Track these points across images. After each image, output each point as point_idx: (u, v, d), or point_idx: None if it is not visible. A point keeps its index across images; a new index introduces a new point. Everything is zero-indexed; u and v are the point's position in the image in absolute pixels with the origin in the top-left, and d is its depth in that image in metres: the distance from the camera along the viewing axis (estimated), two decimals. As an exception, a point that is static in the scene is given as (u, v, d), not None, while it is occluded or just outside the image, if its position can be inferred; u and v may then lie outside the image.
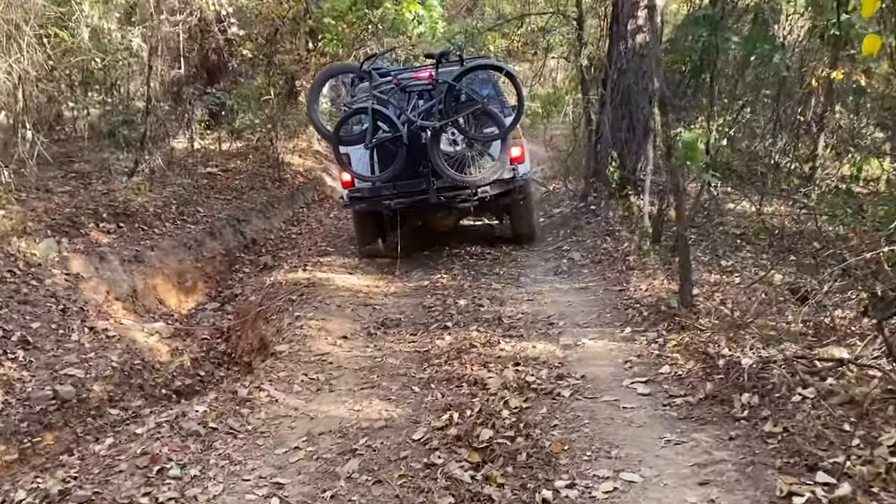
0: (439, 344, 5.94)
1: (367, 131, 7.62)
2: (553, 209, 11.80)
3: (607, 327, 5.95)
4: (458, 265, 8.58)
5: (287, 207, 12.68)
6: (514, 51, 16.61)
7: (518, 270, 8.26)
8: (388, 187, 7.96)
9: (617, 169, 7.51)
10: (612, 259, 7.87)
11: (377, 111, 7.56)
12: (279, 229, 11.94)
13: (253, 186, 12.48)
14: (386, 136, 7.70)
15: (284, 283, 8.23)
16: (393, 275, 8.56)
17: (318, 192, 14.03)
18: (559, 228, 9.83)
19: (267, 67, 13.66)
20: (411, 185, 7.95)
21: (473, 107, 7.55)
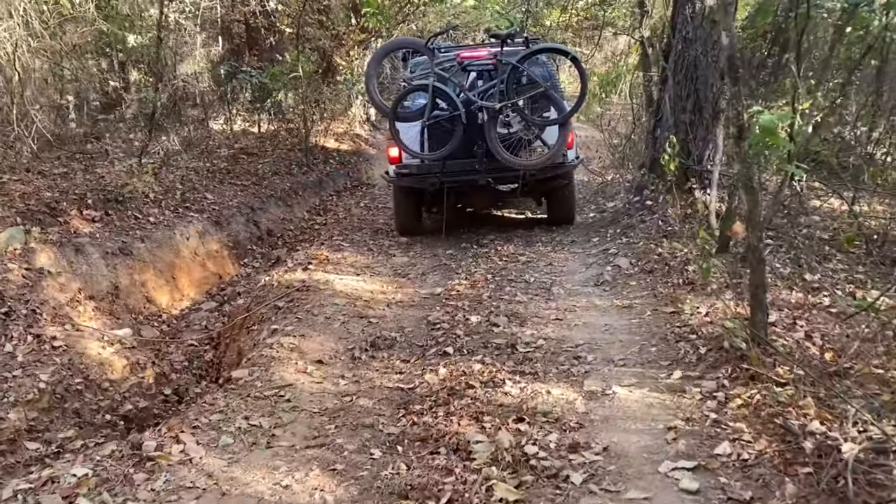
0: (429, 380, 4.52)
1: (426, 108, 7.43)
2: (606, 202, 10.18)
3: (650, 367, 4.40)
4: (483, 268, 7.13)
5: (313, 195, 11.42)
6: (571, 26, 14.96)
7: (552, 278, 6.75)
8: (437, 165, 7.77)
9: (675, 157, 5.97)
10: (666, 269, 6.28)
11: (437, 88, 7.38)
12: (301, 219, 10.69)
13: (277, 171, 11.26)
14: (443, 114, 7.53)
15: (276, 284, 6.93)
16: (406, 277, 7.19)
17: (351, 178, 12.73)
18: (609, 226, 8.24)
19: (297, 42, 12.41)
20: (462, 164, 7.77)
21: (535, 90, 7.38)
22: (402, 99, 7.74)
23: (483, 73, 7.76)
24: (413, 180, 8.12)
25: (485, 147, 7.56)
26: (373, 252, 8.31)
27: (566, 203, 8.73)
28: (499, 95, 7.33)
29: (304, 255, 8.06)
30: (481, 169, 7.75)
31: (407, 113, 7.75)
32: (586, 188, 12.47)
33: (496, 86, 7.37)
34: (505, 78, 7.27)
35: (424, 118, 7.48)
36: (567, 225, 8.75)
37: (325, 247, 8.50)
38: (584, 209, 10.34)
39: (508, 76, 7.27)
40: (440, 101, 7.52)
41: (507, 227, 9.30)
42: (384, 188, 12.79)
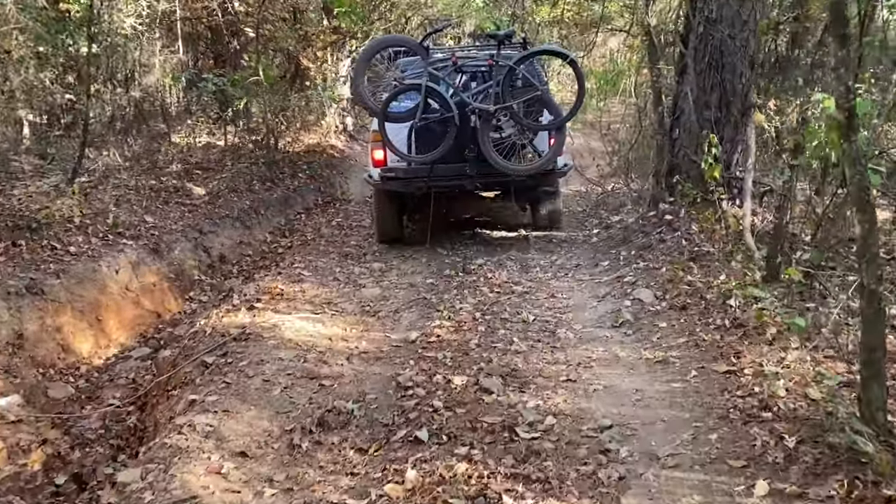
0: (392, 493, 3.06)
1: (418, 109, 6.94)
2: (611, 216, 8.74)
3: (716, 472, 2.93)
4: (471, 303, 5.69)
5: (277, 213, 9.94)
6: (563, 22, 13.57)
7: (556, 316, 5.30)
8: (425, 169, 7.30)
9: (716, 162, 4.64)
10: (703, 305, 4.83)
11: (431, 89, 6.94)
12: (261, 242, 9.21)
13: (235, 188, 9.78)
14: (435, 115, 7.07)
15: (210, 331, 5.45)
16: (375, 316, 5.73)
17: (322, 194, 11.25)
18: (620, 246, 6.79)
19: (257, 43, 10.96)
20: (452, 168, 7.30)
21: (531, 93, 6.97)
22: (392, 99, 7.15)
23: (477, 75, 7.43)
24: (399, 184, 7.58)
25: (477, 151, 7.05)
26: (339, 282, 6.84)
27: (553, 210, 8.32)
28: (494, 98, 6.88)
29: (255, 289, 6.59)
30: (472, 174, 7.27)
31: (397, 113, 7.17)
32: (584, 200, 11.03)
33: (491, 88, 6.93)
34: (501, 80, 6.83)
35: (416, 119, 6.98)
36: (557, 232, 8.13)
37: (281, 277, 7.03)
38: (584, 224, 8.91)
39: (504, 78, 6.83)
40: (432, 102, 7.05)
41: (498, 247, 7.85)
42: (360, 203, 11.33)
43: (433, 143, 7.07)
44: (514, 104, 6.90)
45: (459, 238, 8.44)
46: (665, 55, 7.86)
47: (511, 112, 6.95)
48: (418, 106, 6.93)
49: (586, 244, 7.45)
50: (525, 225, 8.99)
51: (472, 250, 7.66)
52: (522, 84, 7.01)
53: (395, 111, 7.16)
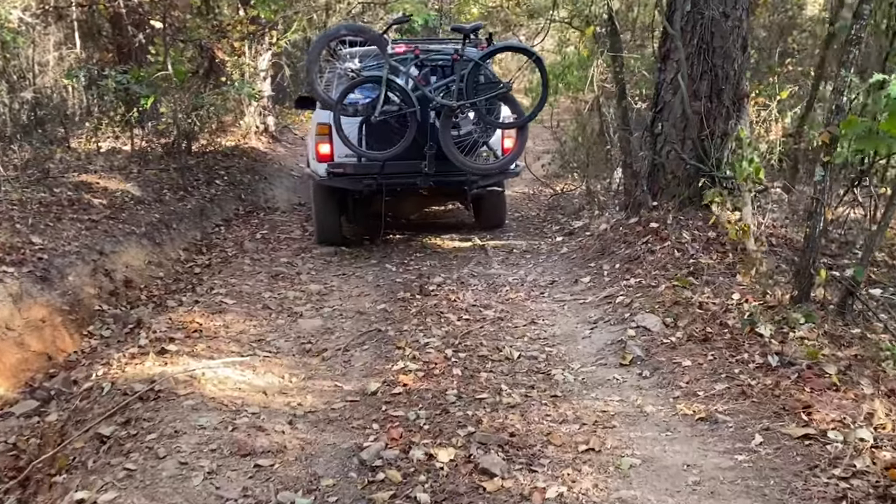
0: None
1: (376, 102, 6.52)
2: (571, 221, 7.84)
3: None
4: (437, 335, 4.64)
5: (192, 227, 8.62)
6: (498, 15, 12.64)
7: (545, 349, 4.31)
8: (376, 166, 6.86)
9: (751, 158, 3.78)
10: (727, 333, 3.92)
11: (392, 82, 6.52)
12: (175, 261, 7.89)
13: (142, 199, 8.42)
14: (392, 109, 6.64)
15: (109, 388, 4.23)
16: (319, 357, 4.62)
17: (244, 202, 9.97)
18: (599, 259, 5.85)
19: (164, 33, 9.59)
20: (406, 165, 6.89)
21: (496, 90, 6.66)
22: (349, 90, 6.65)
23: (437, 69, 7.05)
24: (347, 181, 7.10)
25: (436, 148, 6.71)
26: (270, 311, 5.69)
27: (498, 208, 8.16)
28: (457, 94, 6.52)
29: (167, 324, 5.36)
30: (430, 171, 6.85)
31: (352, 107, 6.70)
32: (533, 202, 10.15)
33: (454, 83, 6.55)
34: (465, 75, 6.48)
35: (374, 113, 6.51)
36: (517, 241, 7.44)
37: (199, 306, 5.81)
38: (543, 231, 7.99)
39: (469, 74, 6.48)
40: (392, 96, 6.58)
41: (454, 260, 6.83)
42: (288, 212, 10.11)
43: (388, 139, 6.67)
44: (478, 101, 6.56)
45: (408, 250, 7.40)
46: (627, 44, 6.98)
47: (475, 109, 6.64)
48: (377, 99, 6.48)
49: (555, 255, 6.50)
50: (476, 231, 8.06)
51: (425, 265, 6.61)
52: (486, 81, 6.68)
53: (351, 104, 6.72)
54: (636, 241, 5.51)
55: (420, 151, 6.77)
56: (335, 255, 7.73)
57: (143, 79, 9.91)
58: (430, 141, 6.75)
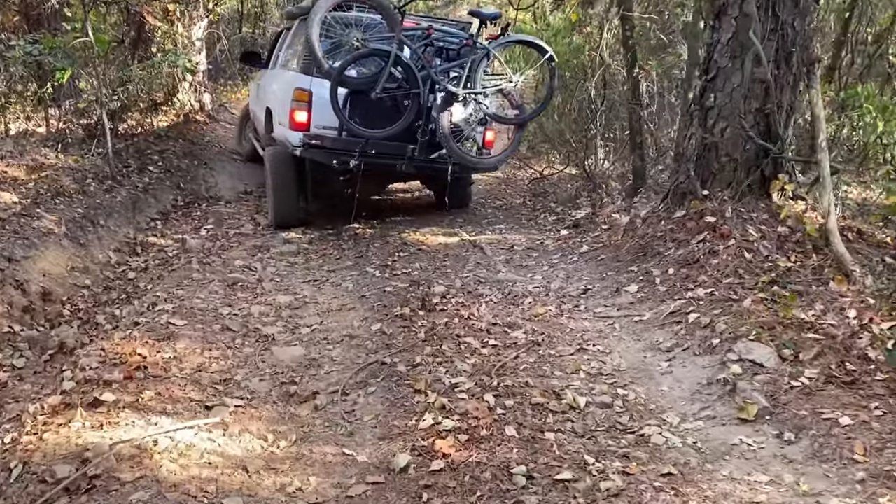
0: None
1: (379, 77, 6.02)
2: (572, 211, 6.79)
3: None
4: (464, 369, 3.51)
5: (124, 223, 7.19)
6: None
7: (616, 391, 3.24)
8: (357, 142, 6.35)
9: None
10: (874, 369, 2.94)
11: (399, 59, 6.04)
12: (104, 265, 6.48)
13: (61, 191, 6.95)
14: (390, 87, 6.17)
15: (22, 468, 2.96)
16: (311, 406, 3.44)
17: (183, 191, 8.54)
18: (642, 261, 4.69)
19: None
20: (392, 147, 6.43)
21: (503, 83, 6.30)
22: (353, 61, 6.16)
23: (443, 52, 6.45)
24: (321, 154, 6.51)
25: (430, 134, 6.30)
26: (233, 334, 4.45)
27: (464, 191, 7.70)
28: (463, 81, 6.11)
29: (99, 358, 4.07)
30: (418, 157, 6.43)
31: (354, 79, 6.27)
32: (510, 186, 9.07)
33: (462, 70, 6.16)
34: (475, 63, 6.11)
35: (376, 89, 6.02)
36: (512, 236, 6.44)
37: (141, 328, 4.52)
38: (538, 221, 6.92)
39: (479, 62, 6.12)
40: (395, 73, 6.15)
41: (447, 260, 5.69)
42: (235, 203, 8.74)
43: (372, 117, 6.21)
44: (485, 91, 6.17)
45: (386, 248, 6.23)
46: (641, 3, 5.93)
47: (477, 99, 6.18)
48: (380, 75, 5.99)
49: (572, 254, 5.41)
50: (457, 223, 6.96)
51: (415, 268, 5.45)
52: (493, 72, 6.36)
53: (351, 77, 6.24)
54: (688, 238, 4.46)
55: (411, 135, 6.27)
56: (299, 255, 6.50)
57: (58, 48, 8.35)
58: (425, 126, 6.26)
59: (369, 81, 6.10)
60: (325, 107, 6.24)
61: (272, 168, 6.98)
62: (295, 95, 6.54)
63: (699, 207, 4.57)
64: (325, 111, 6.28)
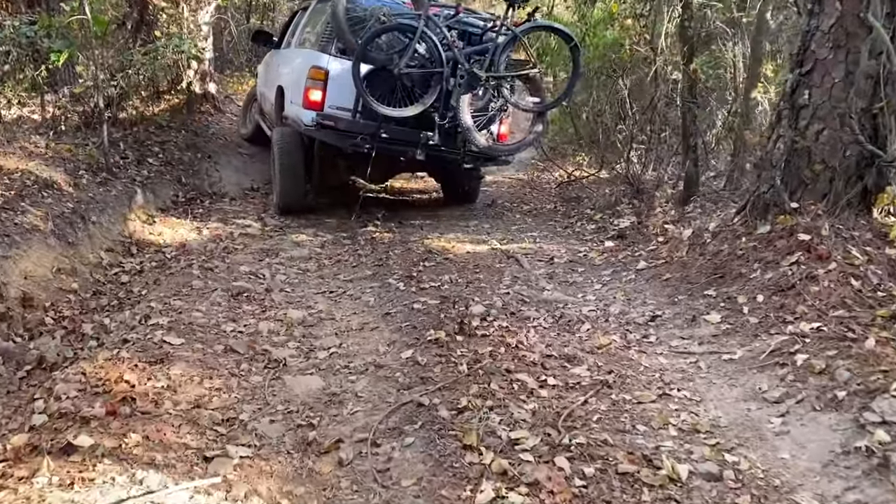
0: None
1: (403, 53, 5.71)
2: (613, 219, 6.09)
3: None
4: (522, 417, 2.83)
5: (118, 219, 6.47)
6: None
7: (726, 456, 2.54)
8: (372, 125, 5.96)
9: None
10: None
11: (426, 36, 5.72)
12: (94, 266, 5.76)
13: (50, 182, 6.21)
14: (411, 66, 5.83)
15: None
16: (335, 463, 2.74)
17: (184, 186, 7.83)
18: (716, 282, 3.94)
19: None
20: (407, 132, 6.09)
21: (526, 69, 6.06)
22: (377, 35, 5.87)
23: (468, 36, 6.23)
24: (334, 136, 6.25)
25: (451, 119, 6.00)
26: (237, 358, 3.75)
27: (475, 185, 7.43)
28: (487, 65, 5.85)
29: (79, 385, 3.38)
30: (436, 143, 6.07)
31: (376, 55, 5.96)
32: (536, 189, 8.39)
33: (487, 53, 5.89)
34: (501, 47, 5.88)
35: (400, 65, 5.79)
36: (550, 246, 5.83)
37: (130, 348, 3.82)
38: (575, 230, 6.23)
39: (504, 47, 5.91)
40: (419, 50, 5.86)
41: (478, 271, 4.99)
42: (240, 199, 8.05)
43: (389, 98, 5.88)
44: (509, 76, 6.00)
45: (409, 255, 5.55)
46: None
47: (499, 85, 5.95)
48: (404, 51, 5.72)
49: (627, 271, 4.70)
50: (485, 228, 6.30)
51: (444, 281, 4.75)
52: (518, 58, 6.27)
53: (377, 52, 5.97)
54: (778, 259, 3.76)
55: (429, 121, 5.97)
56: (311, 261, 5.81)
57: (54, 29, 7.64)
58: (444, 111, 5.93)
59: (393, 57, 5.83)
60: (340, 86, 6.07)
61: (280, 148, 6.67)
62: (310, 73, 6.24)
63: (788, 223, 3.87)
64: (340, 91, 6.09)
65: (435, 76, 5.83)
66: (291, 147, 6.64)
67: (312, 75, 6.21)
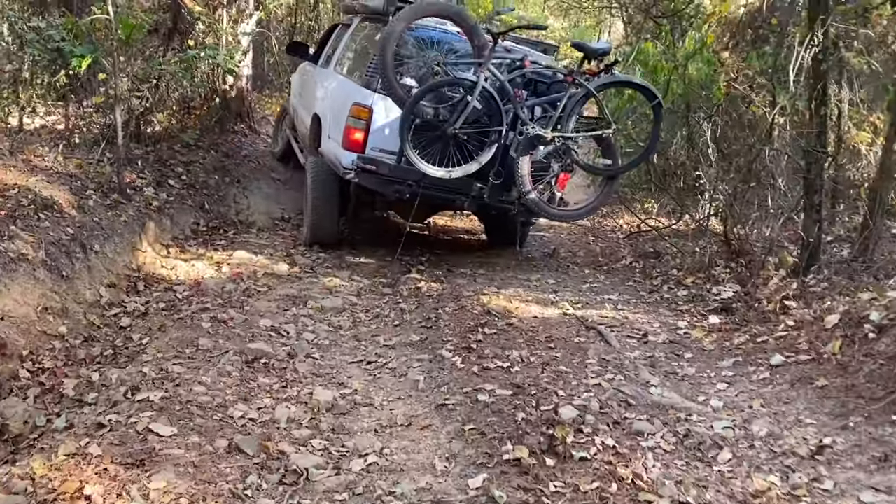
0: None
1: (460, 112, 5.05)
2: (711, 287, 4.98)
3: None
4: None
5: (125, 248, 5.50)
6: None
7: None
8: (416, 172, 5.24)
9: None
10: None
11: (487, 93, 5.05)
12: (91, 305, 4.78)
13: (48, 203, 5.25)
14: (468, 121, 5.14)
15: None
16: None
17: (207, 214, 6.88)
18: (893, 402, 2.95)
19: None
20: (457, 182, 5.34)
21: (600, 129, 5.34)
22: (430, 90, 5.20)
23: (533, 84, 5.50)
24: (375, 181, 5.56)
25: (504, 177, 5.30)
26: (244, 458, 2.74)
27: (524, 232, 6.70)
28: (554, 122, 5.16)
29: (28, 487, 2.37)
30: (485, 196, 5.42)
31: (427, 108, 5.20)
32: (601, 238, 7.34)
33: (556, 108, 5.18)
34: (574, 104, 5.15)
35: (455, 126, 5.07)
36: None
37: (102, 441, 2.82)
38: (660, 293, 5.14)
39: (577, 104, 5.18)
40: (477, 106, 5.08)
41: (553, 347, 3.93)
42: (269, 231, 7.10)
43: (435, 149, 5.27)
44: (579, 137, 5.31)
45: (464, 316, 4.53)
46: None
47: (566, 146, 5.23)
48: (462, 109, 5.08)
49: (758, 366, 3.55)
50: (551, 283, 5.27)
51: (513, 357, 3.71)
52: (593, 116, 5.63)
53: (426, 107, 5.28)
54: None
55: (482, 174, 5.33)
56: (344, 313, 4.82)
57: (80, 32, 6.83)
58: (500, 167, 5.29)
59: (447, 115, 5.21)
60: (384, 127, 5.56)
61: (314, 181, 6.11)
62: (352, 111, 5.63)
63: None
64: (384, 132, 5.56)
65: (492, 133, 5.19)
66: (326, 181, 6.03)
67: (355, 113, 5.61)
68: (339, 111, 5.88)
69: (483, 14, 16.41)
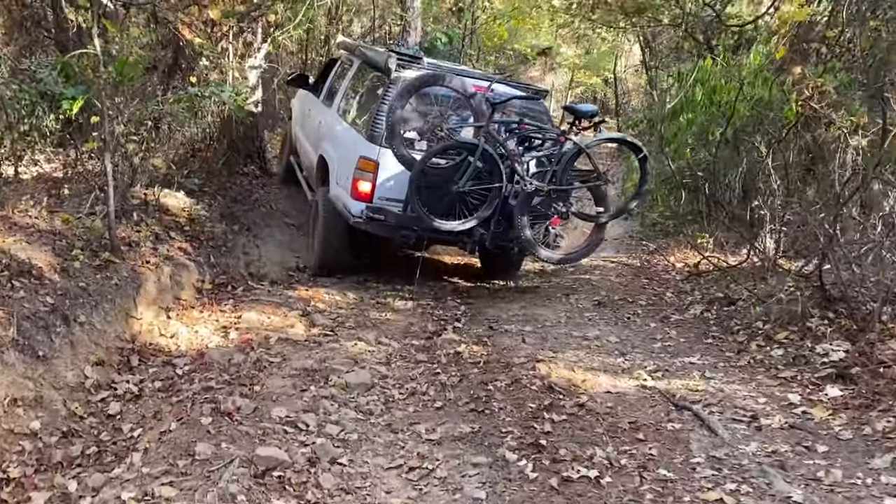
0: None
1: (464, 171, 5.51)
2: (814, 345, 4.10)
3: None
4: None
5: (118, 315, 4.69)
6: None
7: None
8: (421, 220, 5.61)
9: None
10: None
11: (487, 154, 5.50)
12: (74, 389, 3.97)
13: (26, 268, 4.48)
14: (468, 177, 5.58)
15: None
16: None
17: (214, 269, 6.07)
18: None
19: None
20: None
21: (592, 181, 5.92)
22: (436, 154, 5.58)
23: (528, 140, 5.85)
24: (384, 229, 5.85)
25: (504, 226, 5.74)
26: None
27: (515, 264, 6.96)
28: (549, 176, 5.60)
29: None
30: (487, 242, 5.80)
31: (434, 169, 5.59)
32: (652, 279, 6.49)
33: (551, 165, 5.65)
34: (566, 159, 5.59)
35: (460, 185, 5.50)
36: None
37: None
38: (751, 352, 4.27)
39: (570, 159, 5.62)
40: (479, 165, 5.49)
41: (633, 429, 3.08)
42: (283, 283, 6.32)
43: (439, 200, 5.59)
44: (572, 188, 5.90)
45: (518, 388, 3.65)
46: None
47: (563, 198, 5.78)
48: (463, 167, 5.49)
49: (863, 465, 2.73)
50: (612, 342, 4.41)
51: (594, 458, 2.85)
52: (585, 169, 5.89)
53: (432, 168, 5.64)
54: None
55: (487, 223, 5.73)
56: (373, 391, 3.99)
57: (72, 71, 6.16)
58: (500, 216, 5.71)
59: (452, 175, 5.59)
60: (390, 178, 5.81)
61: (324, 216, 6.24)
62: (360, 164, 5.89)
63: None
64: (390, 182, 5.83)
65: (492, 189, 5.58)
66: (336, 217, 6.12)
67: (362, 166, 5.87)
68: (345, 161, 6.03)
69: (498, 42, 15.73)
